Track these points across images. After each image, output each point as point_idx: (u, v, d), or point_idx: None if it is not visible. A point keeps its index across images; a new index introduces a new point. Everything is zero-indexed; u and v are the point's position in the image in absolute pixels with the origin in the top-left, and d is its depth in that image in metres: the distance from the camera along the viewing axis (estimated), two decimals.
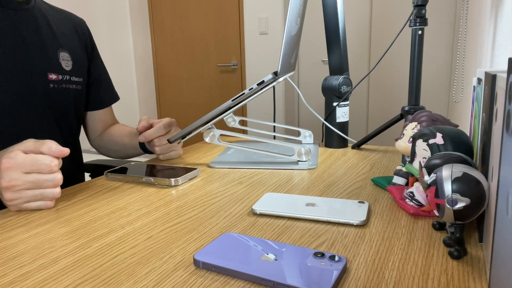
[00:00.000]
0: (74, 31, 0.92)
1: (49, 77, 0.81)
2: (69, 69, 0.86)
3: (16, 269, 0.40)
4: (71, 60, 0.87)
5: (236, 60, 3.14)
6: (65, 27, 0.90)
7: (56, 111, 0.84)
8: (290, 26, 0.70)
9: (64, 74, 0.85)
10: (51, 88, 0.82)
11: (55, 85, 0.83)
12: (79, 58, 0.90)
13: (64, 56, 0.85)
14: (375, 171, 0.73)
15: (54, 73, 0.82)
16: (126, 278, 0.38)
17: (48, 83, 0.81)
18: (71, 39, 0.90)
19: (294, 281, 0.35)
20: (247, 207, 0.56)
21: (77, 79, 0.88)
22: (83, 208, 0.58)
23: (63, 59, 0.85)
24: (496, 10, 0.98)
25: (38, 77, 0.79)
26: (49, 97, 0.82)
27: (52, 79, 0.82)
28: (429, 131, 0.50)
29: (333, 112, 0.92)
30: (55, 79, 0.82)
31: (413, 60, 0.78)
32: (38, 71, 0.79)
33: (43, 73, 0.80)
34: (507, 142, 0.29)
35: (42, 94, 0.80)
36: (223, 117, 0.77)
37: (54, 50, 0.84)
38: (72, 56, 0.87)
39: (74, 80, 0.87)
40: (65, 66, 0.85)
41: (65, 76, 0.85)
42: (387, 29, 2.73)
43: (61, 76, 0.84)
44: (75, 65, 0.88)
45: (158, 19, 3.37)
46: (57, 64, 0.84)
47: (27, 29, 0.79)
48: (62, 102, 0.85)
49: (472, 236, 0.45)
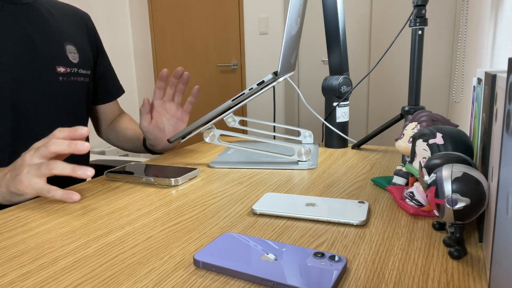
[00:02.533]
0: (79, 25, 0.92)
1: (57, 70, 0.81)
2: (76, 61, 0.86)
3: (16, 269, 0.40)
4: (77, 53, 0.87)
5: (236, 60, 3.14)
6: (70, 21, 0.90)
7: (66, 105, 0.84)
8: (290, 26, 0.70)
9: (72, 67, 0.85)
10: (60, 81, 0.82)
11: (64, 77, 0.83)
12: (85, 51, 0.90)
13: (70, 49, 0.85)
14: (375, 171, 0.73)
15: (62, 66, 0.82)
16: (126, 278, 0.38)
17: (57, 76, 0.81)
18: (77, 33, 0.90)
19: (294, 281, 0.35)
20: (247, 207, 0.56)
21: (85, 72, 0.89)
22: (83, 208, 0.58)
23: (70, 52, 0.85)
24: (496, 10, 0.98)
25: (46, 71, 0.79)
26: (59, 91, 0.82)
27: (61, 72, 0.82)
28: (429, 131, 0.50)
29: (333, 112, 0.92)
30: (63, 72, 0.82)
31: (413, 60, 0.78)
32: (46, 65, 0.79)
33: (51, 67, 0.80)
34: (507, 142, 0.29)
35: (51, 88, 0.80)
36: (223, 117, 0.77)
37: (61, 43, 0.83)
38: (78, 49, 0.87)
39: (82, 72, 0.87)
40: (72, 59, 0.85)
41: (73, 68, 0.85)
42: (387, 29, 2.73)
43: (69, 69, 0.84)
44: (82, 58, 0.88)
45: (158, 19, 3.37)
46: (64, 57, 0.83)
47: (33, 23, 0.79)
48: (72, 95, 0.85)
49: (472, 236, 0.45)
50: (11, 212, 0.57)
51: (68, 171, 0.59)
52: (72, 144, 0.59)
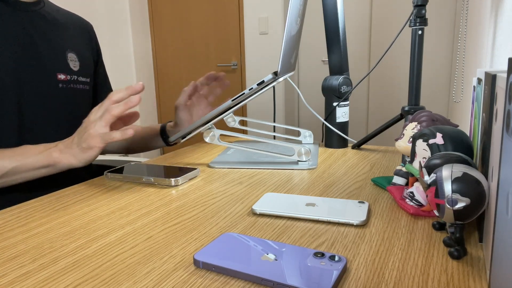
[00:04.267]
0: (82, 33, 0.94)
1: (58, 77, 0.82)
2: (77, 69, 0.88)
3: (16, 269, 0.40)
4: (78, 61, 0.88)
5: (236, 60, 3.14)
6: (73, 30, 0.91)
7: (66, 112, 0.85)
8: (290, 26, 0.70)
9: (72, 74, 0.86)
10: (60, 88, 0.83)
11: (63, 85, 0.84)
12: (86, 59, 0.91)
13: (71, 57, 0.87)
14: (375, 171, 0.73)
15: (63, 73, 0.84)
16: (126, 278, 0.38)
17: (57, 83, 0.82)
18: (79, 41, 0.92)
19: (294, 281, 0.35)
20: (247, 207, 0.56)
21: (84, 79, 0.90)
22: (83, 208, 0.58)
23: (71, 59, 0.86)
24: (496, 10, 0.98)
25: (47, 77, 0.80)
26: (58, 97, 0.83)
27: (61, 79, 0.83)
28: (429, 131, 0.50)
29: (333, 112, 0.92)
30: (63, 79, 0.83)
31: (413, 60, 0.78)
32: (47, 71, 0.80)
33: (52, 73, 0.81)
34: (507, 142, 0.29)
35: (51, 94, 0.81)
36: (223, 117, 0.77)
37: (62, 51, 0.85)
38: (79, 57, 0.89)
39: (81, 80, 0.89)
40: (73, 66, 0.87)
41: (73, 76, 0.86)
42: (387, 29, 2.73)
43: (69, 76, 0.85)
44: (82, 66, 0.90)
45: (158, 19, 3.37)
46: (65, 64, 0.85)
47: (36, 30, 0.80)
48: (71, 102, 0.86)
49: (472, 236, 0.45)
50: (11, 212, 0.57)
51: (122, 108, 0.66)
52: (128, 102, 0.66)
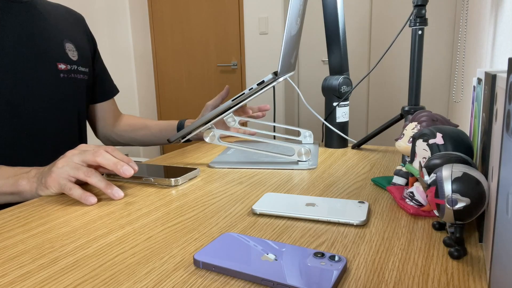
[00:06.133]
0: (76, 24, 0.94)
1: (58, 67, 0.82)
2: (76, 59, 0.88)
3: (16, 269, 0.40)
4: (76, 51, 0.88)
5: (236, 60, 3.14)
6: (67, 20, 0.91)
7: (68, 101, 0.85)
8: (290, 26, 0.70)
9: (72, 64, 0.86)
10: (61, 78, 0.83)
11: (65, 74, 0.84)
12: (83, 49, 0.91)
13: (69, 47, 0.87)
14: (375, 171, 0.73)
15: (63, 63, 0.84)
16: (126, 278, 0.38)
17: (59, 72, 0.82)
18: (74, 31, 0.91)
19: (294, 281, 0.35)
20: (247, 207, 0.56)
21: (84, 69, 0.90)
22: (83, 208, 0.58)
23: (69, 49, 0.86)
24: (496, 10, 0.98)
25: (48, 67, 0.80)
26: (60, 87, 0.83)
27: (62, 68, 0.83)
28: (429, 131, 0.50)
29: (333, 112, 0.92)
30: (64, 68, 0.84)
31: (413, 60, 0.78)
32: (47, 62, 0.80)
33: (52, 63, 0.81)
34: (507, 142, 0.29)
35: (53, 84, 0.81)
36: (223, 117, 0.77)
37: (60, 41, 0.85)
38: (76, 47, 0.89)
39: (81, 70, 0.89)
40: (71, 56, 0.87)
41: (73, 66, 0.86)
42: (387, 29, 2.73)
43: (69, 66, 0.85)
44: (81, 56, 0.89)
45: (158, 19, 3.37)
46: (64, 54, 0.85)
47: (33, 21, 0.80)
48: (73, 92, 0.86)
49: (472, 236, 0.45)
50: (11, 212, 0.57)
51: (102, 186, 0.59)
52: (118, 164, 0.59)
